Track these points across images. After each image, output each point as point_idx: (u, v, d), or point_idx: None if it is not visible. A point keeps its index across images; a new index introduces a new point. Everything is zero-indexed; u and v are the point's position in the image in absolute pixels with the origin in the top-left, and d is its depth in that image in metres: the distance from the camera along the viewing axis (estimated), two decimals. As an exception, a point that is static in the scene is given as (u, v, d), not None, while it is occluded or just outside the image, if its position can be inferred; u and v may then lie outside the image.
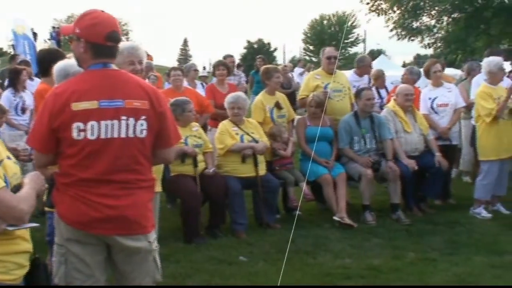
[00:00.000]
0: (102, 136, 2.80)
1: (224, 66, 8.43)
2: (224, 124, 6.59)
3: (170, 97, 6.40)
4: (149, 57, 11.27)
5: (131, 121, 2.85)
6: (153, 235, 3.02)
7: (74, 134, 2.78)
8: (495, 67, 6.93)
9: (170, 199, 7.24)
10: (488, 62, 7.02)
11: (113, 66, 2.94)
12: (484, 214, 6.91)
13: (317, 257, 5.51)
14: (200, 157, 6.33)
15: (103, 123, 2.80)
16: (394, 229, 6.43)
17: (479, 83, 7.59)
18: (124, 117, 2.83)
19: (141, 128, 2.87)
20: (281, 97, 7.26)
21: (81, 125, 2.78)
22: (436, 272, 5.09)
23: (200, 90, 8.61)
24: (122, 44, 3.96)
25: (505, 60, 9.14)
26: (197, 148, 6.31)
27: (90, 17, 2.89)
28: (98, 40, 2.85)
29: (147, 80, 8.29)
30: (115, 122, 2.82)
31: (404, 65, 20.17)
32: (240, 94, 6.89)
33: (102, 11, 2.93)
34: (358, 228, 6.44)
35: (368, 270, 5.12)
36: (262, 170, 6.49)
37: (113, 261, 2.97)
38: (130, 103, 2.85)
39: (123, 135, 2.84)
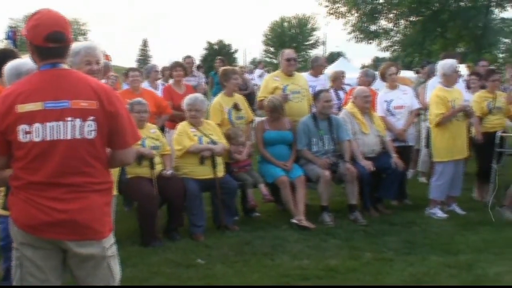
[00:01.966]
0: (47, 138, 2.74)
1: (181, 67, 8.39)
2: (182, 126, 6.54)
3: (127, 98, 6.34)
4: (107, 57, 11.11)
5: (78, 122, 2.77)
6: (109, 241, 2.95)
7: (20, 136, 2.72)
8: (449, 69, 7.06)
9: (127, 201, 7.14)
10: (442, 64, 7.15)
11: (63, 66, 2.86)
12: (440, 214, 7.04)
13: (275, 259, 5.51)
14: (157, 159, 6.27)
15: (48, 124, 2.73)
16: (352, 230, 6.49)
17: (434, 85, 7.73)
18: (69, 118, 2.76)
19: (89, 129, 2.80)
20: (239, 98, 7.25)
21: (26, 127, 2.72)
22: (392, 272, 5.15)
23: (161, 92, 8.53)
24: (79, 44, 3.95)
25: (461, 62, 9.34)
26: (155, 150, 6.24)
27: (34, 18, 2.83)
28: (38, 42, 2.79)
29: (105, 81, 8.18)
30: (60, 123, 2.75)
31: (362, 68, 20.36)
32: (198, 96, 6.83)
33: (49, 11, 2.85)
34: (316, 229, 6.46)
35: (325, 271, 5.15)
36: (221, 172, 6.46)
37: (68, 265, 2.91)
38: (77, 104, 2.78)
39: (69, 136, 2.77)
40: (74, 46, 3.64)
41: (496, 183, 7.33)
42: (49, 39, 2.78)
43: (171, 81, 8.77)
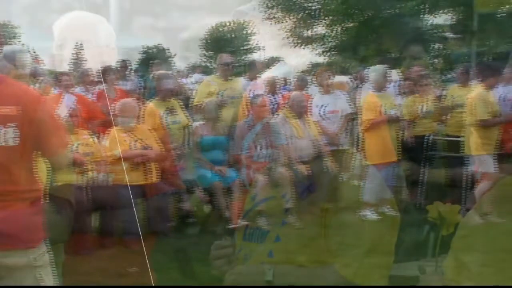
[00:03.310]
0: None
1: (112, 71, 8.25)
2: (114, 131, 6.41)
3: (57, 103, 6.16)
4: (38, 61, 10.81)
5: None
6: (39, 250, 2.87)
7: None
8: (379, 75, 7.24)
9: (57, 208, 6.93)
10: (373, 70, 7.34)
11: None
12: (372, 216, 7.17)
13: (209, 265, 5.45)
14: (89, 166, 6.11)
15: None
16: (287, 234, 6.50)
17: (367, 90, 7.90)
18: None
19: (9, 136, 2.71)
20: (175, 103, 7.19)
21: None
22: (326, 275, 5.18)
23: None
24: (6, 48, 3.86)
25: (393, 68, 9.59)
26: (87, 156, 6.09)
27: None
28: None
29: (38, 85, 7.93)
30: None
31: (298, 73, 20.56)
32: (128, 101, 6.73)
33: None
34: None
35: (260, 275, 5.14)
36: (154, 177, 6.36)
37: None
38: None
39: None
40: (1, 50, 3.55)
41: (427, 184, 7.55)
42: None
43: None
